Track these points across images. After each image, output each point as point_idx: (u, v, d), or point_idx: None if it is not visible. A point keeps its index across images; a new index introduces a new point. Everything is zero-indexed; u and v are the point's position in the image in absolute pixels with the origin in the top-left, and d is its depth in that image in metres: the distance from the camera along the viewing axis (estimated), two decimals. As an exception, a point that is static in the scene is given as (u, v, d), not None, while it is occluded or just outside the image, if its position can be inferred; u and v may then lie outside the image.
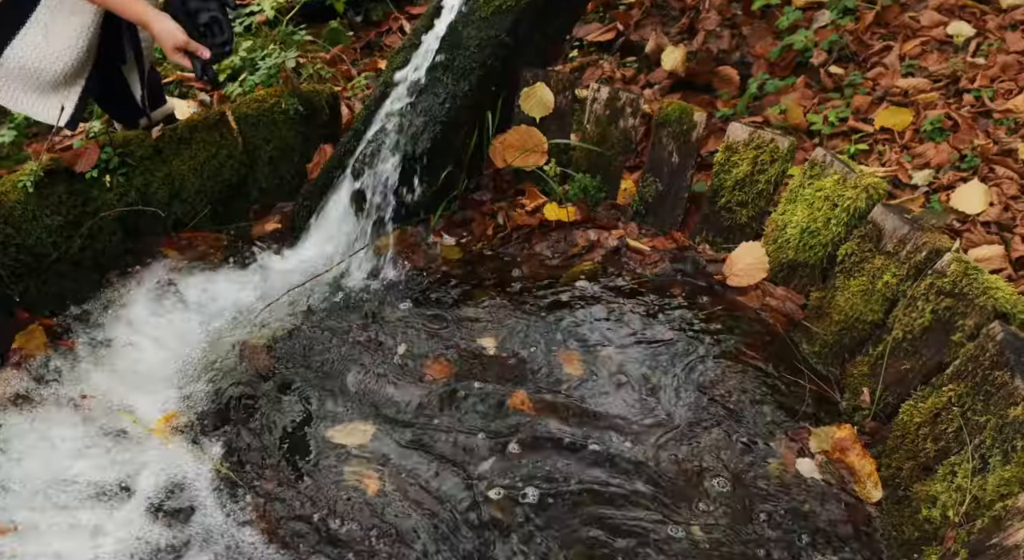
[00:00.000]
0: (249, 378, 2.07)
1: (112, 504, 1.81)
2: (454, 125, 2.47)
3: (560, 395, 2.01)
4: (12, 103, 2.20)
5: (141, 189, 2.41)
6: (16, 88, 2.17)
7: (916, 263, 1.93)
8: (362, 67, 3.64)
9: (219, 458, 1.89)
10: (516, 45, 2.51)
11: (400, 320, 2.23)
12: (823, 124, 2.83)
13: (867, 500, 1.83)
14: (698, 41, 3.35)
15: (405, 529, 1.73)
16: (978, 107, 2.74)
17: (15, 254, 2.18)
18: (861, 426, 1.95)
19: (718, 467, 1.86)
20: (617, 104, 2.49)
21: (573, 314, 2.22)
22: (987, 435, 1.67)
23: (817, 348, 2.13)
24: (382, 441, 1.92)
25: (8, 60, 2.12)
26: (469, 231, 2.56)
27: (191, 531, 1.74)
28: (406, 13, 3.96)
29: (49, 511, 1.79)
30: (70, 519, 1.77)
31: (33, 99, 2.19)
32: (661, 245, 2.43)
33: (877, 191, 2.05)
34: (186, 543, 1.72)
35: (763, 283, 2.27)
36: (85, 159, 2.29)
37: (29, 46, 2.12)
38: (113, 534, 1.75)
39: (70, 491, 1.83)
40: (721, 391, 2.02)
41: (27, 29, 2.12)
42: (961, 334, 1.80)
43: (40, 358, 2.10)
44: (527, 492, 1.79)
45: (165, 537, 1.73)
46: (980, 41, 2.97)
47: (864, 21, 3.16)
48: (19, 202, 2.20)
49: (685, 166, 2.43)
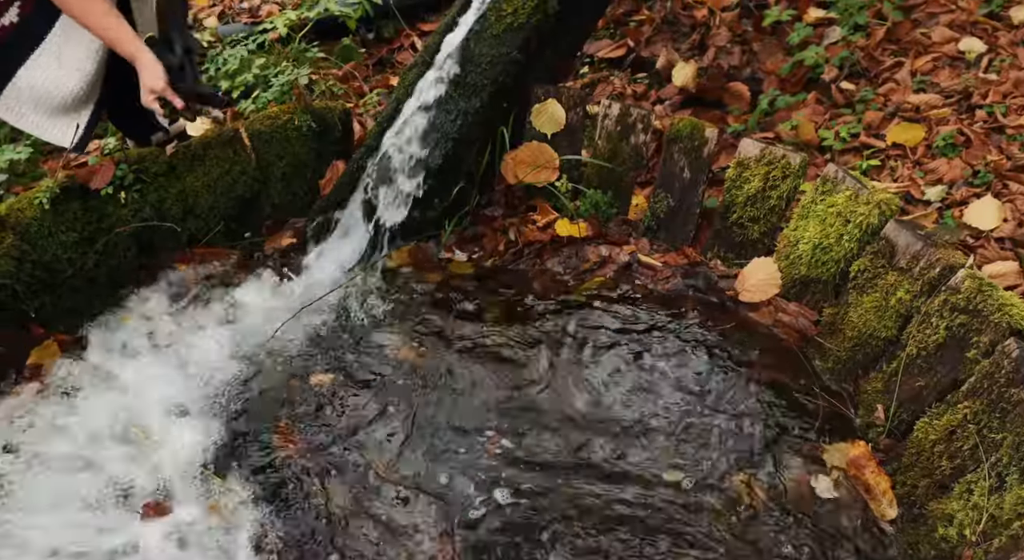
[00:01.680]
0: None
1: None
2: (466, 141, 2.48)
3: (571, 409, 2.01)
4: (23, 124, 2.23)
5: (155, 205, 2.42)
6: (27, 110, 2.20)
7: (930, 279, 1.92)
8: (374, 84, 3.66)
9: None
10: (527, 62, 2.53)
11: (407, 334, 2.23)
12: (835, 140, 2.83)
13: (882, 518, 1.82)
14: (709, 57, 3.36)
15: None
16: (991, 123, 2.73)
17: (31, 270, 2.20)
18: (875, 443, 1.94)
19: (730, 483, 1.85)
20: (628, 120, 2.50)
21: (584, 329, 2.21)
22: (1004, 453, 1.65)
23: (830, 364, 2.12)
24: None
25: (20, 80, 2.15)
26: (481, 247, 2.56)
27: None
28: (417, 30, 3.99)
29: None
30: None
31: (43, 121, 2.21)
32: (673, 261, 2.43)
33: (890, 207, 2.04)
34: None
35: (775, 299, 2.26)
36: (100, 176, 2.31)
37: (41, 69, 2.15)
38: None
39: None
40: (733, 407, 2.01)
41: (40, 52, 2.14)
42: (976, 351, 1.79)
43: (54, 374, 2.11)
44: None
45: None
46: (992, 57, 2.96)
47: (875, 37, 3.16)
48: (35, 219, 2.22)
49: (697, 182, 2.43)
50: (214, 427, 2.00)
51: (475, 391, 2.07)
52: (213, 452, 1.95)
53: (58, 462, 1.92)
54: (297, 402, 2.07)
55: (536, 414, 2.02)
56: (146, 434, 1.98)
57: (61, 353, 2.17)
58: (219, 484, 1.87)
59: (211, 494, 1.85)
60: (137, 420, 2.02)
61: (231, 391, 2.09)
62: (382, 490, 1.85)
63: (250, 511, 1.83)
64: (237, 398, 2.08)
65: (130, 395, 2.09)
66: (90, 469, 1.91)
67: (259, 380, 2.14)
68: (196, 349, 2.20)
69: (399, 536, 1.77)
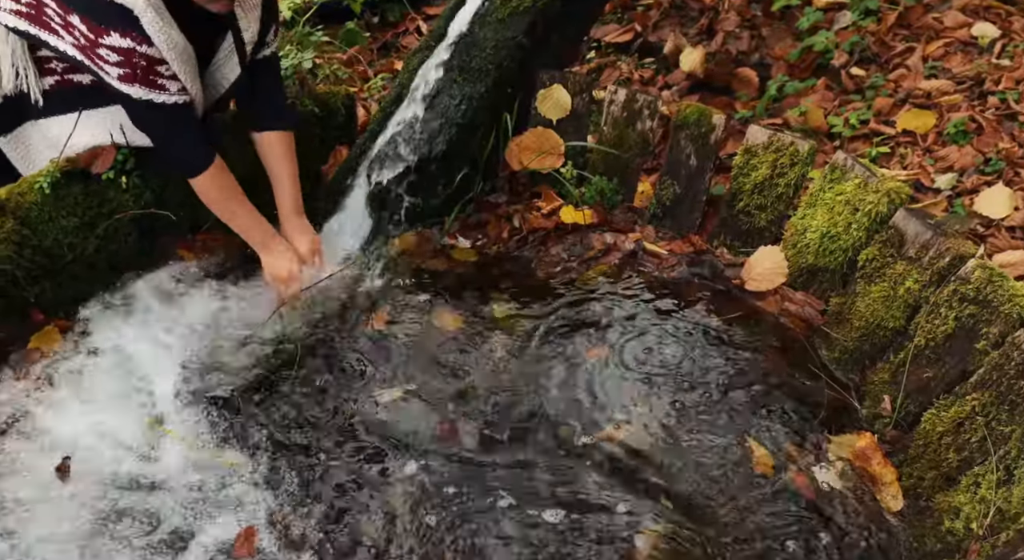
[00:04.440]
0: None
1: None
2: (470, 127, 2.45)
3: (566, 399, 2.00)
4: (25, 165, 2.27)
5: (157, 191, 2.40)
6: (33, 148, 2.25)
7: (939, 269, 1.89)
8: (379, 68, 3.64)
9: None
10: (533, 47, 2.49)
11: (409, 320, 2.22)
12: (844, 127, 2.79)
13: (888, 510, 1.80)
14: (717, 42, 3.32)
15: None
16: (1003, 109, 2.69)
17: (31, 256, 2.18)
18: (882, 434, 1.92)
19: (734, 473, 1.83)
20: (634, 106, 2.47)
21: (589, 318, 2.19)
22: (1012, 446, 1.63)
23: (837, 354, 2.10)
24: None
25: (39, 125, 2.19)
26: (484, 233, 2.54)
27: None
28: (423, 14, 3.95)
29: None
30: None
31: (47, 155, 2.22)
32: (678, 249, 2.40)
33: (899, 195, 2.01)
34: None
35: (782, 288, 2.24)
36: (101, 160, 2.28)
37: (62, 126, 2.18)
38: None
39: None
40: (738, 397, 1.99)
41: (67, 116, 2.18)
42: (985, 342, 1.77)
43: (53, 359, 2.10)
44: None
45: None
46: (1005, 42, 2.92)
47: (886, 22, 3.12)
48: (35, 204, 2.19)
49: (703, 169, 2.40)
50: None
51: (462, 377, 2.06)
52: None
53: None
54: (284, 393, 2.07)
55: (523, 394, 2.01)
56: (159, 422, 1.98)
57: (61, 338, 2.16)
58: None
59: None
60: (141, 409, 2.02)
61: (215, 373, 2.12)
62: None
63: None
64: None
65: (132, 380, 2.09)
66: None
67: (248, 362, 2.15)
68: (190, 337, 2.19)
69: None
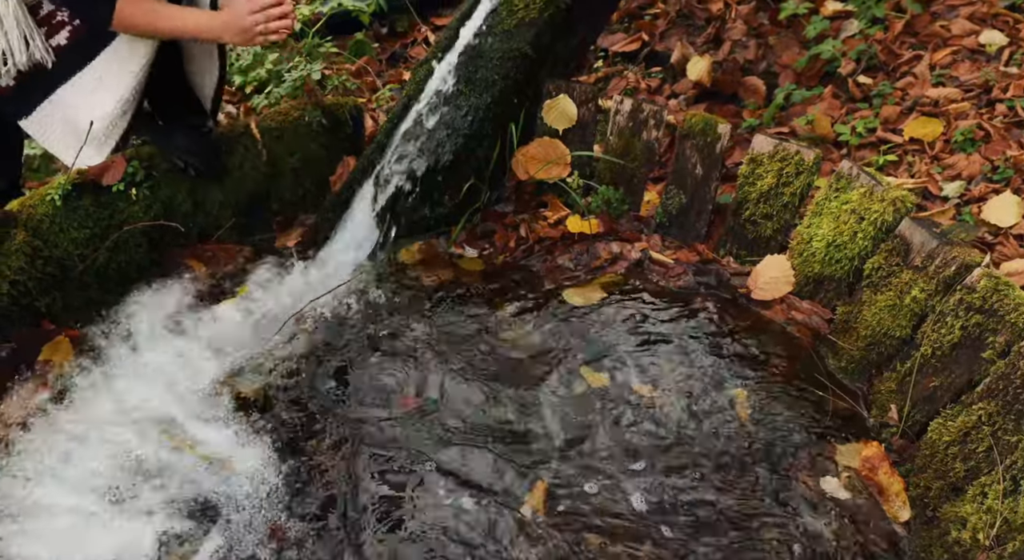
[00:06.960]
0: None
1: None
2: (476, 137, 2.46)
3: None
4: (51, 142, 2.26)
5: (166, 201, 2.43)
6: (57, 129, 2.22)
7: (945, 278, 1.89)
8: (387, 78, 3.66)
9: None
10: (539, 57, 2.51)
11: (416, 331, 2.23)
12: (851, 135, 2.79)
13: (894, 520, 1.79)
14: (724, 51, 3.33)
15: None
16: (1011, 117, 2.69)
17: (43, 267, 2.20)
18: (888, 444, 1.91)
19: (740, 483, 1.83)
20: (640, 116, 2.47)
21: (594, 326, 2.20)
22: (1019, 456, 1.62)
23: (843, 363, 2.09)
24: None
25: (57, 98, 2.17)
26: (491, 243, 2.55)
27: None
28: (431, 24, 3.98)
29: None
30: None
31: (72, 141, 2.23)
32: (685, 258, 2.41)
33: (905, 204, 2.01)
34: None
35: (788, 297, 2.23)
36: (112, 172, 2.31)
37: (81, 90, 2.17)
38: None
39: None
40: (744, 405, 1.99)
41: (83, 74, 2.16)
42: (992, 351, 1.76)
43: (65, 370, 2.12)
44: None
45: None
46: (1013, 50, 2.91)
47: (893, 30, 3.11)
48: (47, 215, 2.23)
49: (709, 178, 2.40)
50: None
51: (473, 389, 2.07)
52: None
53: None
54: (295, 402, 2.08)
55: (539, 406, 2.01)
56: (169, 432, 1.99)
57: (73, 350, 2.18)
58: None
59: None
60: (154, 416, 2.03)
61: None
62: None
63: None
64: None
65: (144, 389, 2.10)
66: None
67: (259, 372, 2.15)
68: (201, 347, 2.20)
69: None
